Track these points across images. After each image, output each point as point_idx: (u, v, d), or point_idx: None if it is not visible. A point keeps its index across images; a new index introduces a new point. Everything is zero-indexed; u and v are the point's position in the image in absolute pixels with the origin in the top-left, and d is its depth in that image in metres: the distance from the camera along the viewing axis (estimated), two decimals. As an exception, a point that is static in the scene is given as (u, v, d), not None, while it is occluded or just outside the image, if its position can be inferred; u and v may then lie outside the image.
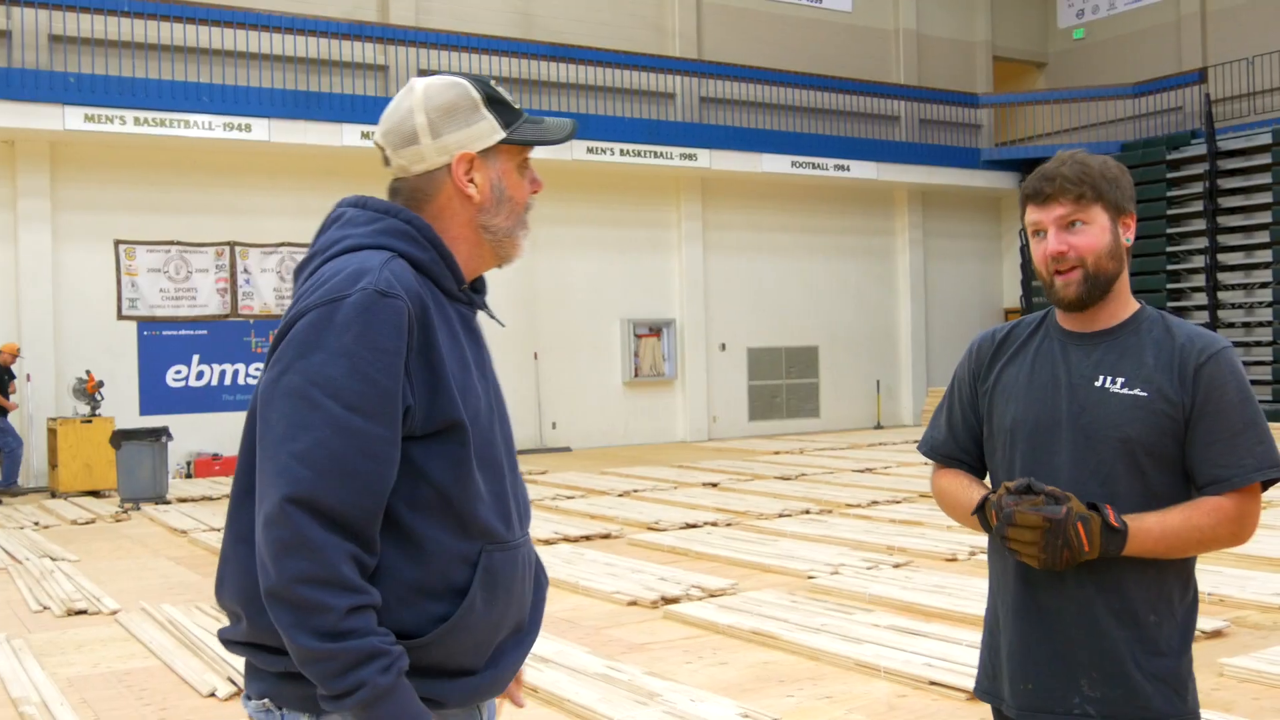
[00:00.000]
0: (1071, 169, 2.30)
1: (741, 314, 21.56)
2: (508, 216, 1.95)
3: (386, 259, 1.80)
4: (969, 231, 24.60)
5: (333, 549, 1.67)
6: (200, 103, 15.91)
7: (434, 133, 1.90)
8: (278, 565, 1.66)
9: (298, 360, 1.72)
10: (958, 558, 8.67)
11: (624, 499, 12.70)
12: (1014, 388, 2.39)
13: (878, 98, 22.73)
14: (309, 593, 1.65)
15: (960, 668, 5.59)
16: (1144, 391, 2.26)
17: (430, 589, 1.78)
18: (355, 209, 1.92)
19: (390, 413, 1.71)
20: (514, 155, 1.96)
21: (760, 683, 5.68)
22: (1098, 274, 2.29)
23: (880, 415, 23.10)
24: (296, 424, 1.69)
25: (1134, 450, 2.25)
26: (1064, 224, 2.29)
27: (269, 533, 1.67)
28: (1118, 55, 24.75)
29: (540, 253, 19.33)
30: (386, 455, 1.72)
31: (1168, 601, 2.29)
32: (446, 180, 1.92)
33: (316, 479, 1.67)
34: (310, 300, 1.76)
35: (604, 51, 19.55)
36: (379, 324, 1.72)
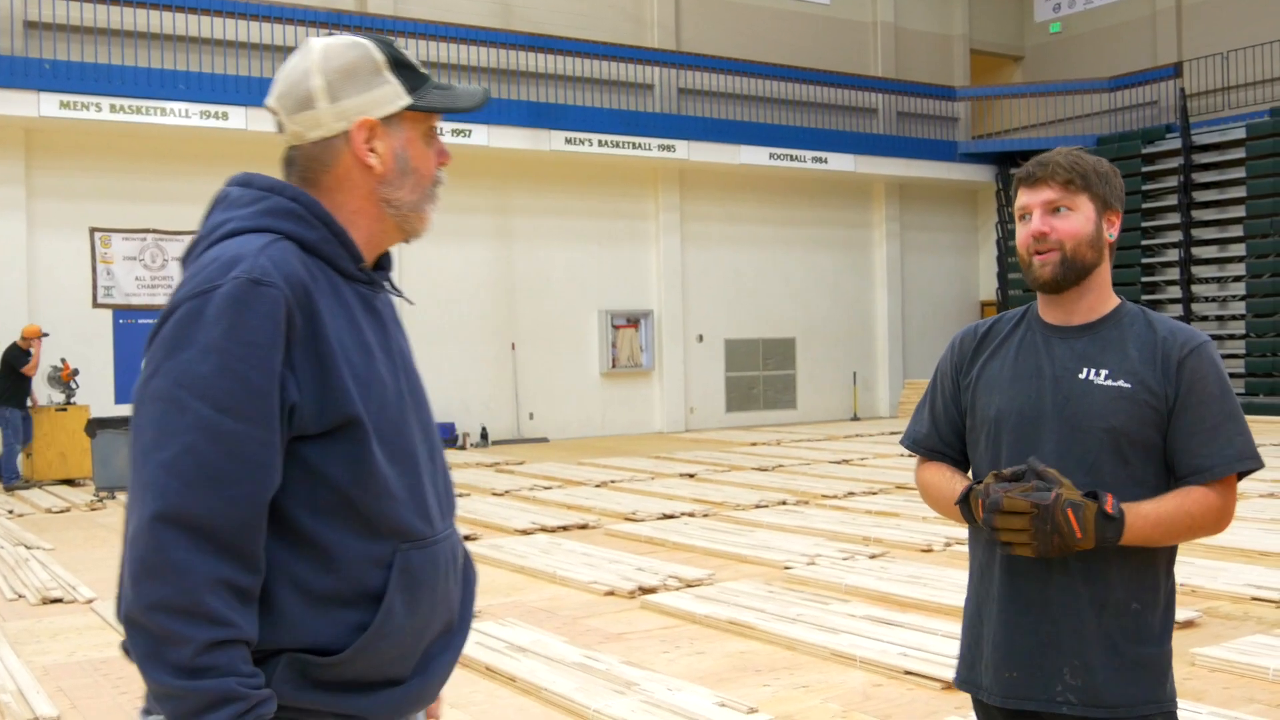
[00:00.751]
0: (1065, 158, 2.38)
1: (719, 305, 21.59)
2: (413, 189, 1.79)
3: (267, 243, 1.64)
4: (946, 224, 24.70)
5: (198, 574, 1.51)
6: (177, 90, 15.84)
7: (332, 96, 1.73)
8: (136, 589, 1.52)
9: (166, 360, 1.57)
10: (933, 548, 8.73)
11: (601, 489, 12.71)
12: (997, 380, 2.43)
13: (855, 90, 22.78)
14: (165, 621, 1.50)
15: (935, 657, 5.63)
16: (1127, 383, 2.30)
17: (343, 597, 1.64)
18: (239, 188, 1.75)
19: (265, 412, 1.56)
20: (420, 123, 1.79)
21: (737, 672, 5.71)
22: (1075, 258, 2.34)
23: (857, 407, 23.19)
24: (164, 430, 1.54)
25: (1119, 441, 2.29)
26: (1050, 208, 2.36)
27: (132, 551, 1.53)
28: (1094, 49, 24.87)
29: (518, 243, 19.32)
30: (263, 459, 1.56)
31: (1151, 590, 2.33)
32: (345, 149, 1.74)
33: (185, 490, 1.52)
34: (181, 294, 1.61)
35: (582, 42, 19.53)
36: (251, 316, 1.56)
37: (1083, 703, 2.30)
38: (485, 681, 5.62)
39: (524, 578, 8.12)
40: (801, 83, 21.93)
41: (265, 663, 1.61)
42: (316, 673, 1.63)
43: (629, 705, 5.01)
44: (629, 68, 20.22)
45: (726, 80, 21.18)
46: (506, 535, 9.81)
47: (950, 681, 5.30)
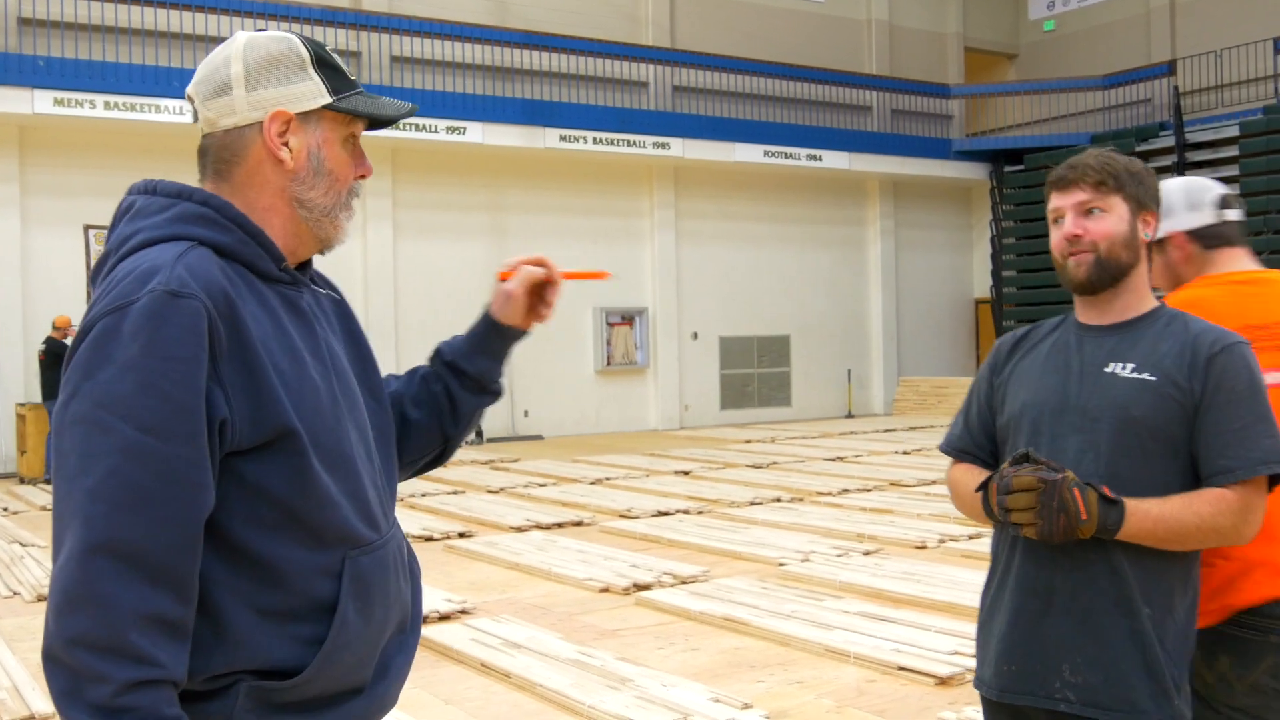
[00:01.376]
0: (1096, 159, 2.36)
1: (713, 303, 21.61)
2: (325, 192, 1.73)
3: (182, 251, 1.57)
4: (940, 222, 24.73)
5: (125, 608, 1.43)
6: (172, 87, 15.81)
7: (249, 85, 1.68)
8: (58, 622, 1.44)
9: (84, 381, 1.48)
10: (927, 545, 8.75)
11: (596, 486, 12.73)
12: (1027, 376, 2.43)
13: (850, 88, 22.80)
14: (85, 658, 1.42)
15: (929, 653, 5.66)
16: (1152, 376, 2.28)
17: (294, 611, 1.59)
18: (145, 196, 1.70)
19: (190, 430, 1.48)
20: (340, 127, 1.74)
21: (731, 668, 5.73)
22: (1109, 259, 2.33)
23: (851, 404, 23.21)
24: (87, 455, 1.46)
25: (1138, 432, 2.26)
26: (1082, 210, 2.34)
27: (57, 582, 1.45)
28: (1088, 47, 24.90)
29: (513, 240, 19.32)
30: (193, 478, 1.49)
31: (1166, 596, 2.27)
32: (257, 139, 1.69)
33: (112, 515, 1.44)
34: (95, 311, 1.53)
35: (577, 40, 19.54)
36: (171, 329, 1.49)
37: (1080, 701, 2.26)
38: (479, 678, 5.63)
39: (519, 574, 8.13)
40: (796, 80, 21.95)
41: (225, 691, 1.56)
42: (278, 697, 1.58)
43: (623, 701, 5.03)
44: (624, 65, 20.23)
45: (721, 78, 21.19)
46: (501, 532, 9.82)
47: (943, 677, 5.34)
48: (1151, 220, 2.38)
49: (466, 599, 7.19)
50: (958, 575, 7.51)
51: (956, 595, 6.89)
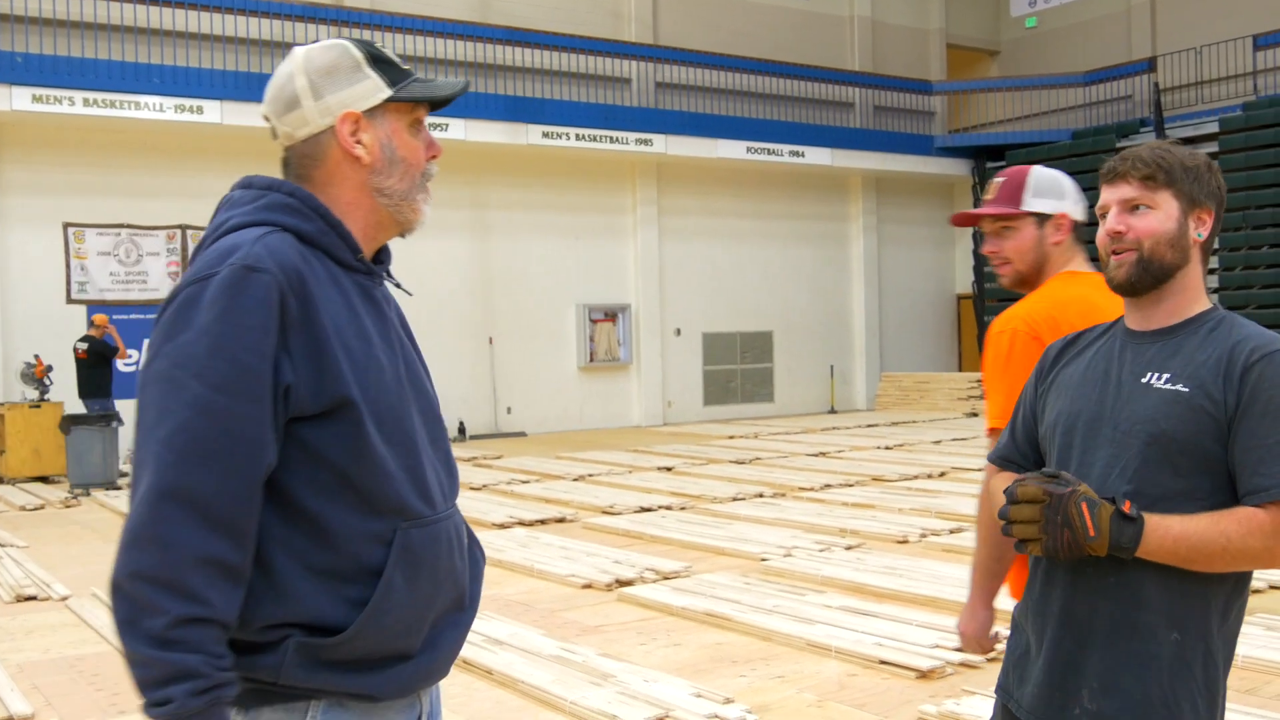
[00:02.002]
0: (1149, 152, 2.23)
1: (696, 299, 21.62)
2: (401, 178, 1.88)
3: (262, 234, 1.74)
4: (922, 218, 24.77)
5: (185, 549, 1.58)
6: (151, 84, 15.74)
7: (316, 94, 1.83)
8: (124, 555, 1.59)
9: (165, 343, 1.66)
10: (909, 540, 8.77)
11: (579, 483, 12.72)
12: (1067, 384, 2.32)
13: (832, 84, 22.83)
14: (144, 590, 1.57)
15: (910, 647, 5.67)
16: (1185, 387, 2.13)
17: (342, 572, 1.71)
18: (241, 190, 1.87)
19: (256, 391, 1.63)
20: (404, 115, 1.88)
21: (713, 663, 5.74)
22: (1152, 259, 2.19)
23: (834, 400, 23.25)
24: (163, 409, 1.62)
25: (1167, 447, 2.12)
26: (1127, 206, 2.22)
27: (128, 521, 1.62)
28: (1069, 44, 24.98)
29: (495, 237, 19.29)
30: (255, 435, 1.63)
31: (1196, 621, 2.13)
32: (333, 143, 1.84)
33: (180, 464, 1.59)
34: (180, 283, 1.71)
35: (560, 36, 19.51)
36: (244, 299, 1.65)
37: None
38: (462, 674, 5.62)
39: (501, 571, 8.12)
40: (779, 77, 21.96)
41: (275, 645, 1.68)
42: (325, 653, 1.69)
43: (605, 696, 5.03)
44: (607, 61, 20.21)
45: (704, 74, 21.19)
46: (484, 529, 9.80)
47: (924, 671, 5.35)
48: (1208, 219, 2.24)
49: (448, 596, 7.17)
50: (939, 570, 7.54)
51: (938, 590, 6.91)
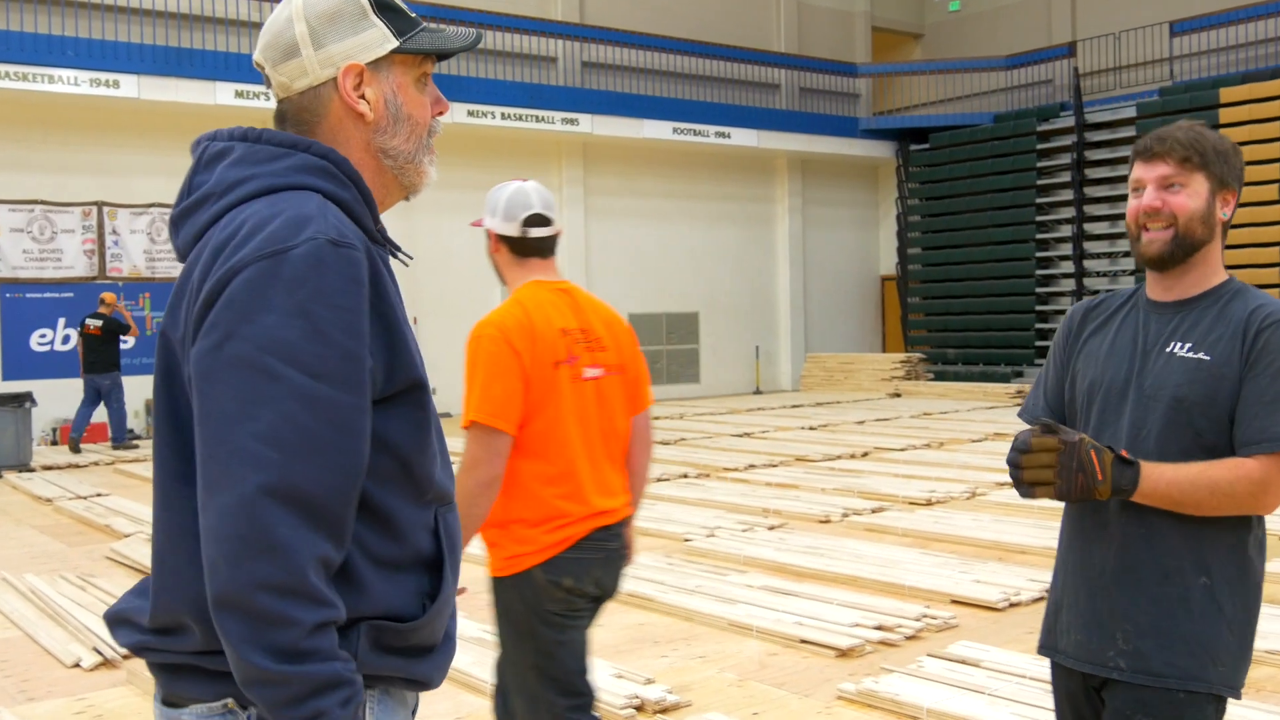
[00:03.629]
0: (1185, 134, 2.37)
1: (622, 279, 21.60)
2: (408, 138, 1.72)
3: (320, 202, 1.58)
4: (847, 199, 24.96)
5: (302, 550, 1.44)
6: (65, 57, 15.39)
7: (316, 42, 1.66)
8: (234, 567, 1.41)
9: (242, 324, 1.46)
10: (831, 519, 8.85)
11: (504, 464, 12.65)
12: (1095, 354, 2.48)
13: (759, 66, 22.89)
14: (270, 603, 1.41)
15: (831, 626, 5.73)
16: (1207, 355, 2.31)
17: (403, 563, 1.61)
18: (247, 144, 1.66)
19: (358, 378, 1.50)
20: (411, 69, 1.72)
21: (635, 644, 5.75)
22: (1187, 235, 2.35)
23: (759, 381, 23.38)
24: (252, 399, 1.44)
25: (1189, 412, 2.30)
26: (1164, 183, 2.36)
27: (226, 528, 1.43)
28: (991, 28, 25.25)
29: (420, 216, 19.13)
30: (360, 427, 1.50)
31: (1228, 564, 2.31)
32: (334, 97, 1.68)
33: (286, 461, 1.44)
34: (245, 254, 1.49)
35: (485, 14, 19.34)
36: (334, 278, 1.49)
37: (1131, 669, 2.32)
38: (382, 657, 5.58)
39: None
40: (705, 58, 21.97)
41: (347, 632, 1.56)
42: (391, 639, 1.60)
43: (526, 678, 5.01)
44: (533, 40, 20.09)
45: (630, 54, 21.14)
46: (407, 510, 9.73)
47: (844, 649, 5.41)
48: (1231, 199, 2.40)
49: (370, 578, 7.12)
50: (860, 549, 7.61)
51: (858, 568, 6.98)
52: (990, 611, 6.15)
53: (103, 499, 10.65)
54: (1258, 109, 18.62)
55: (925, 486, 10.07)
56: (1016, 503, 9.27)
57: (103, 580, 7.15)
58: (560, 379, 3.11)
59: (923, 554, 7.47)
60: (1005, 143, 22.23)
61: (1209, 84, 19.80)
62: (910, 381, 21.77)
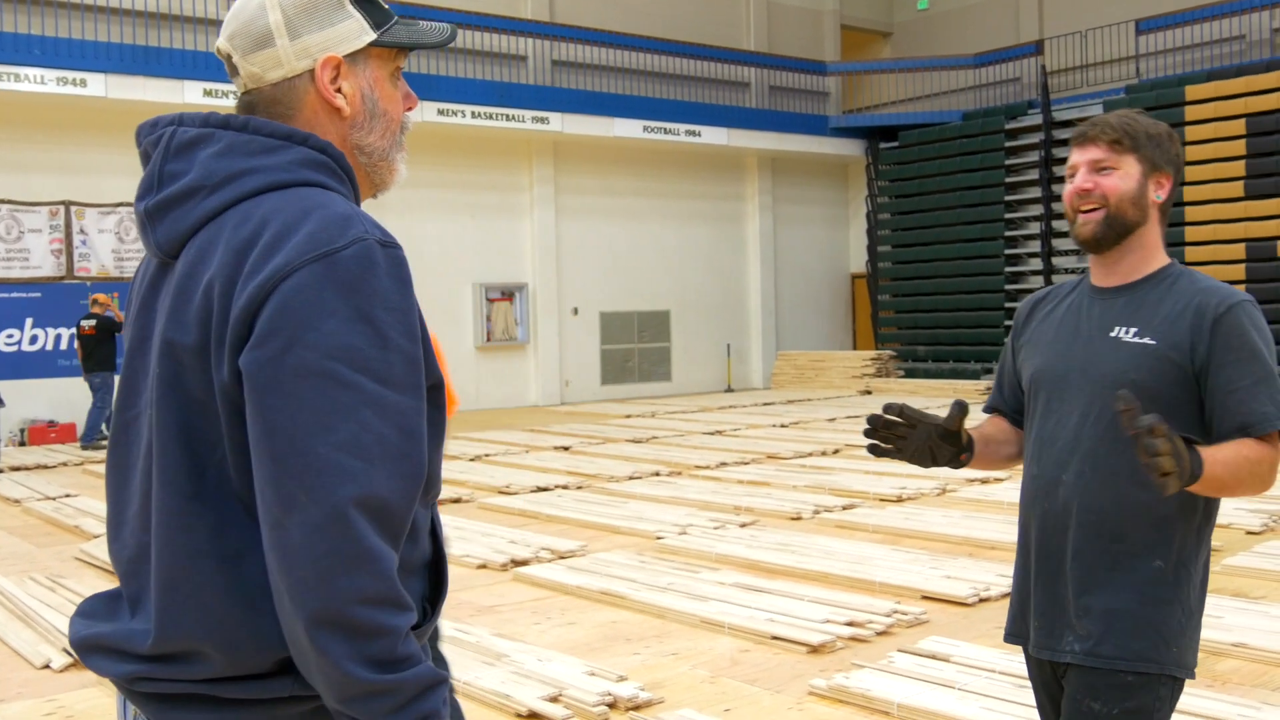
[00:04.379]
0: (1118, 119, 2.43)
1: (594, 278, 21.61)
2: (383, 134, 1.66)
3: (345, 199, 1.53)
4: (817, 198, 25.04)
5: (389, 559, 1.40)
6: (32, 55, 15.27)
7: (292, 32, 1.58)
8: (331, 584, 1.36)
9: (305, 331, 1.40)
10: (802, 516, 8.89)
11: (475, 463, 12.68)
12: (1040, 342, 2.54)
13: (729, 64, 22.93)
14: (370, 615, 1.38)
15: (801, 622, 5.76)
16: (1153, 340, 2.35)
17: (413, 565, 1.57)
18: (231, 132, 1.57)
19: (418, 381, 1.47)
20: (386, 62, 1.65)
21: (608, 641, 5.77)
22: (1117, 215, 2.40)
23: (731, 379, 23.43)
24: (327, 409, 1.39)
25: (1139, 395, 2.26)
26: (1096, 167, 2.42)
27: (318, 544, 1.36)
28: (959, 26, 25.38)
29: (389, 215, 19.05)
30: (423, 431, 1.47)
31: (1176, 548, 2.35)
32: (310, 90, 1.60)
33: (372, 471, 1.39)
34: (289, 255, 1.42)
35: (454, 13, 19.29)
36: (388, 279, 1.45)
37: (1084, 652, 2.36)
38: (355, 657, 5.58)
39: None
40: (675, 56, 22.00)
41: None
42: None
43: (499, 676, 5.03)
44: (502, 39, 20.07)
45: (600, 53, 21.15)
46: (379, 510, 9.71)
47: (815, 645, 5.44)
48: (1166, 183, 2.44)
49: (342, 578, 7.12)
50: (831, 545, 7.66)
51: (829, 565, 7.02)
52: (960, 607, 6.20)
53: (71, 500, 10.58)
54: (1222, 106, 18.81)
55: (896, 483, 10.13)
56: (987, 499, 9.35)
57: (72, 581, 7.11)
58: None
59: (893, 550, 7.52)
60: (974, 140, 22.35)
61: (1174, 82, 19.98)
62: (881, 379, 21.88)
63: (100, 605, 1.63)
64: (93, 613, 1.62)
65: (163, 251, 1.58)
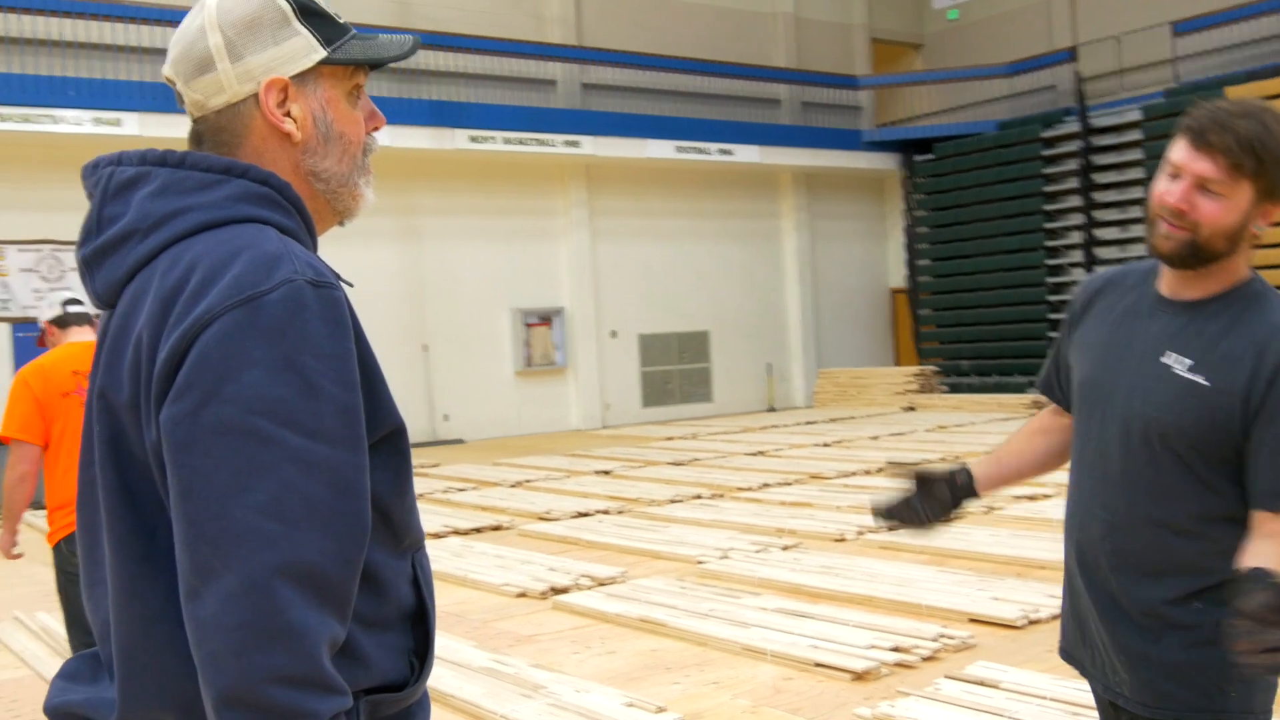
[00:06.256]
0: (1247, 128, 2.04)
1: (631, 300, 21.55)
2: (340, 158, 1.54)
3: (279, 236, 1.40)
4: (854, 212, 24.89)
5: (315, 635, 1.28)
6: (68, 97, 15.42)
7: (233, 55, 1.48)
8: (244, 660, 1.25)
9: (223, 384, 1.29)
10: (845, 538, 8.74)
11: (516, 489, 12.61)
12: (1092, 344, 2.30)
13: (759, 81, 22.87)
14: (285, 696, 1.25)
15: (846, 648, 5.63)
16: (1206, 380, 2.09)
17: (388, 620, 1.47)
18: (168, 169, 1.46)
19: (356, 433, 1.34)
20: (341, 81, 1.54)
21: (647, 671, 5.66)
22: (1206, 246, 2.08)
23: (772, 398, 23.28)
24: (246, 468, 1.27)
25: (1174, 437, 2.11)
26: (1201, 184, 2.07)
27: (231, 616, 1.25)
28: (991, 35, 25.20)
29: (426, 243, 19.11)
30: (362, 487, 1.34)
31: (1216, 588, 2.12)
32: (255, 115, 1.49)
33: (292, 535, 1.27)
34: (211, 302, 1.32)
35: (483, 39, 19.37)
36: (320, 324, 1.33)
37: (1133, 697, 2.23)
38: (392, 693, 5.51)
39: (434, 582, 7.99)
40: (705, 75, 21.96)
41: (347, 710, 1.41)
42: (388, 709, 1.46)
43: (536, 709, 4.94)
44: (531, 64, 20.10)
45: (630, 74, 21.14)
46: (418, 541, 9.66)
47: (859, 672, 5.31)
48: (1273, 212, 2.11)
49: (380, 611, 7.06)
50: (875, 567, 7.51)
51: (873, 588, 6.88)
52: (1009, 630, 6.05)
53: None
54: (1263, 108, 18.51)
55: (940, 500, 9.95)
56: (1035, 516, 9.16)
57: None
58: (69, 406, 4.47)
59: (939, 571, 7.37)
60: (1010, 150, 22.15)
61: (1214, 84, 19.69)
62: (924, 395, 21.65)
63: (83, 666, 1.55)
64: (75, 674, 1.54)
65: (101, 300, 1.49)
